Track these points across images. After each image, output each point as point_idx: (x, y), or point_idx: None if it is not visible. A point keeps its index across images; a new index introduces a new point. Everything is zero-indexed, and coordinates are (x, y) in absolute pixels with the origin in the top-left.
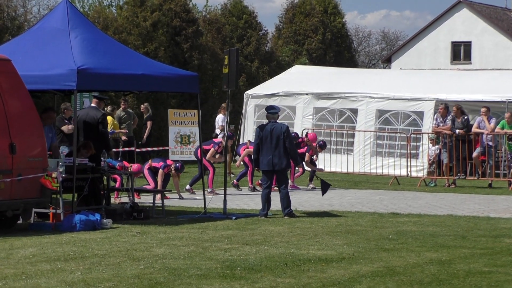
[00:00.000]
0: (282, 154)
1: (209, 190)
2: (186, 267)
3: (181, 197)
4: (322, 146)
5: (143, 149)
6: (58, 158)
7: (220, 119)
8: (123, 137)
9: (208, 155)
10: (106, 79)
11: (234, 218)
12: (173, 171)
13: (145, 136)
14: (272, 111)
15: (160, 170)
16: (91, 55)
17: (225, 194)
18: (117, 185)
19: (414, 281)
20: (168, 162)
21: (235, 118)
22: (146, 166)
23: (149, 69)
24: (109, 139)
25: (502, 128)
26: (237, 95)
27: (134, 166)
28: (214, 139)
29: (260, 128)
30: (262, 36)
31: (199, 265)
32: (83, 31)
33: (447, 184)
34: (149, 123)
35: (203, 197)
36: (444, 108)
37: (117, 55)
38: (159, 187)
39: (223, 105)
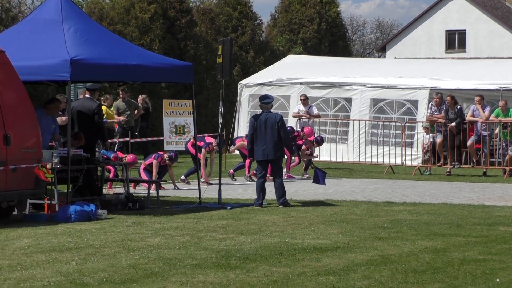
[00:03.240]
0: (276, 144)
1: (202, 180)
2: (181, 257)
3: (176, 187)
4: (320, 142)
5: (138, 140)
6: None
7: None
8: (116, 126)
9: (201, 159)
10: (100, 70)
11: (229, 208)
12: (167, 161)
13: (138, 128)
14: (265, 101)
15: (154, 161)
16: (84, 45)
17: (220, 184)
18: (111, 175)
19: (409, 270)
20: (160, 152)
21: (230, 107)
22: (141, 167)
23: (143, 59)
24: (105, 130)
25: (497, 116)
26: (232, 85)
27: (129, 157)
28: (205, 137)
29: (254, 118)
30: (257, 26)
31: (194, 255)
32: (77, 22)
33: (442, 161)
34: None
35: (198, 187)
36: (439, 97)
37: (111, 45)
38: (153, 178)
39: None
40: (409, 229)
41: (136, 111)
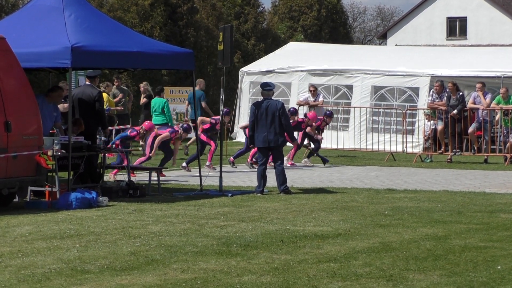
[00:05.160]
0: (277, 131)
1: (207, 164)
2: (182, 244)
3: (174, 163)
4: (330, 115)
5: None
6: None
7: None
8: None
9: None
10: (100, 57)
11: (230, 195)
12: (182, 133)
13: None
14: (267, 88)
15: (166, 133)
16: (85, 32)
17: (221, 171)
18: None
19: (410, 257)
20: (176, 128)
21: (230, 95)
22: (152, 134)
23: (143, 46)
24: (105, 117)
25: (498, 103)
26: (233, 72)
27: (146, 123)
28: (212, 118)
29: (255, 105)
30: (259, 13)
31: (195, 242)
32: (77, 9)
33: (443, 148)
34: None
35: (199, 174)
36: (440, 85)
37: (111, 32)
38: (152, 154)
39: None
40: (410, 216)
41: (128, 99)
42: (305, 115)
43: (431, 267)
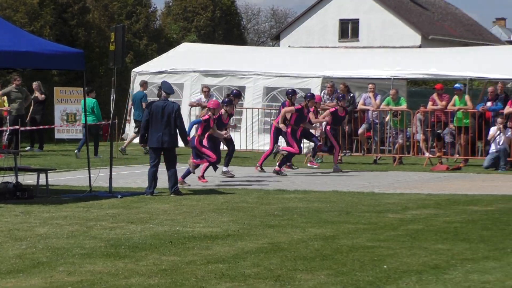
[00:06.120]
0: (172, 133)
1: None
2: (70, 247)
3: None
4: (341, 98)
5: (28, 128)
6: None
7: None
8: (5, 113)
9: None
10: None
11: (119, 196)
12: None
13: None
14: (168, 91)
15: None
16: None
17: (110, 172)
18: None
19: (298, 257)
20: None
21: (123, 95)
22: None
23: (33, 46)
24: None
25: (388, 104)
26: (125, 73)
27: (211, 102)
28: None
29: (151, 105)
30: (151, 13)
31: (82, 244)
32: None
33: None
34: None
35: (88, 175)
36: (331, 85)
37: None
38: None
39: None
40: (300, 217)
41: (26, 100)
42: (306, 96)
43: (318, 267)
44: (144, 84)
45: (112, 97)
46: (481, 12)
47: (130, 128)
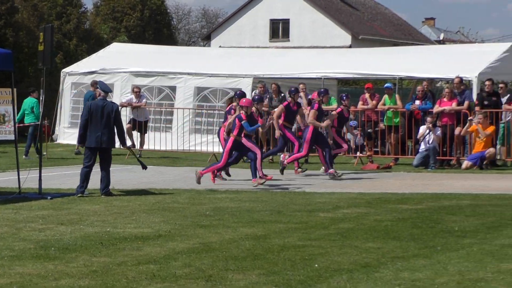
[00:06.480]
0: (111, 133)
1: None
2: None
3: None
4: (345, 98)
5: None
6: None
7: None
8: None
9: None
10: None
11: (49, 198)
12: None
13: None
14: (107, 90)
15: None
16: None
17: (40, 174)
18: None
19: (229, 257)
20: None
21: (52, 96)
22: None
23: None
24: None
25: None
26: (54, 73)
27: (244, 100)
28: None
29: (91, 104)
30: (82, 13)
31: (12, 246)
32: None
33: (264, 149)
34: None
35: (17, 176)
36: (263, 85)
37: None
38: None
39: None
40: (231, 217)
41: None
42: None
43: (250, 266)
44: (94, 84)
45: (41, 98)
46: (411, 12)
47: (60, 129)
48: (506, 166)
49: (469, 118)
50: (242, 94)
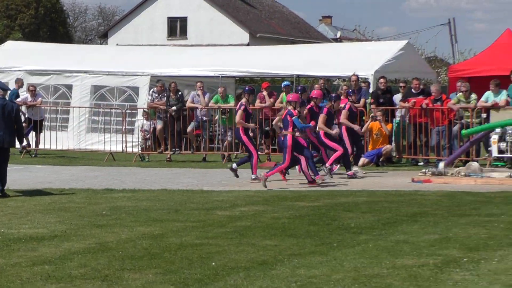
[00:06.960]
0: (12, 132)
1: (253, 177)
2: None
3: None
4: (351, 93)
5: None
6: None
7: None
8: None
9: None
10: None
11: None
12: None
13: None
14: (5, 88)
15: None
16: None
17: None
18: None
19: (126, 256)
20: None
21: None
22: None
23: None
24: None
25: (216, 102)
26: None
27: (291, 95)
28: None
29: None
30: None
31: None
32: None
33: (162, 147)
34: None
35: None
36: (161, 84)
37: None
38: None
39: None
40: (128, 216)
41: None
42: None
43: (146, 265)
44: (18, 82)
45: None
46: (308, 10)
47: None
48: (401, 163)
49: (371, 115)
50: (251, 90)
